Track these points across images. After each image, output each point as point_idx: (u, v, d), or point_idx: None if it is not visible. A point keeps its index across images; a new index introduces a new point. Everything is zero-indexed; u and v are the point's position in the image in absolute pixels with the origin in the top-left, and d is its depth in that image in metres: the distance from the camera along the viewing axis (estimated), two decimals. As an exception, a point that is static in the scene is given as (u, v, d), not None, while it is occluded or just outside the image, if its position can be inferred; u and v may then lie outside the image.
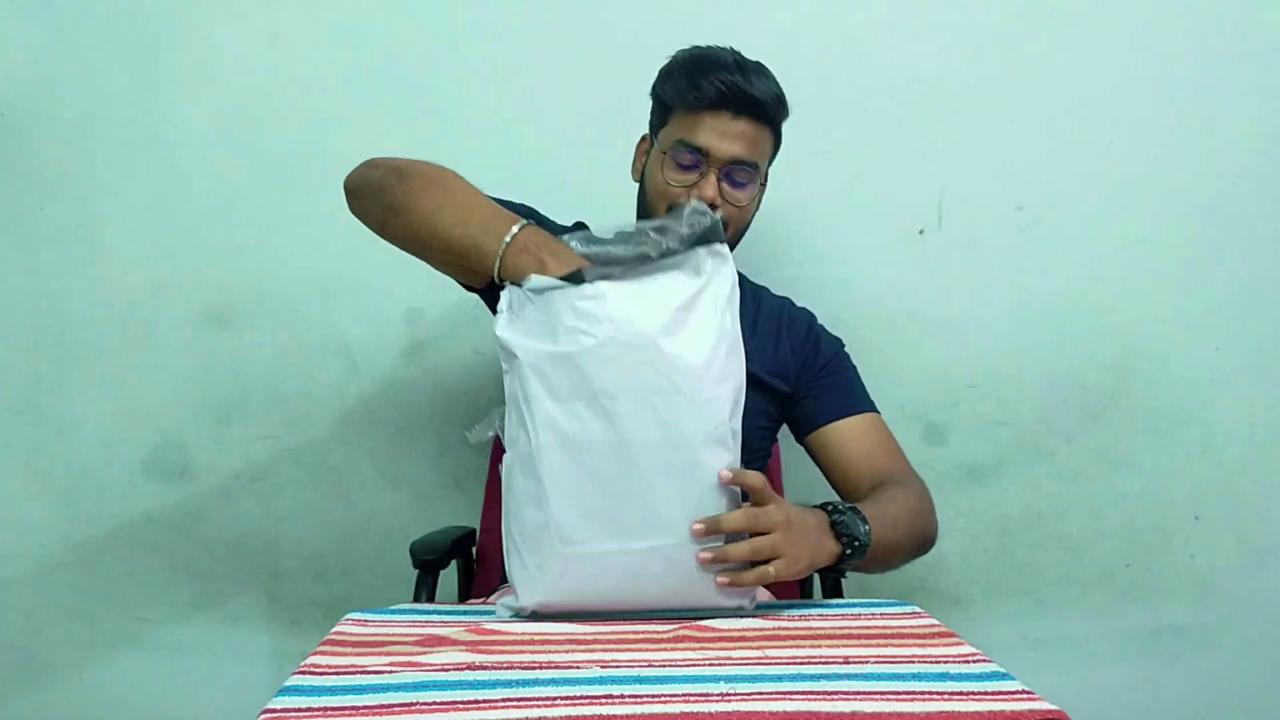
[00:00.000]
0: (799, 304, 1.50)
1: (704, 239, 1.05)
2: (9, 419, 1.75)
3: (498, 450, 1.39)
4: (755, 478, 1.04)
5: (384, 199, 1.20)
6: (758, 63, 1.33)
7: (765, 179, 1.40)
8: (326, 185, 1.71)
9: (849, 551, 1.12)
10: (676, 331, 1.02)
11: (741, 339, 1.08)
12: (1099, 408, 1.77)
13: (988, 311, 1.76)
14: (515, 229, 1.07)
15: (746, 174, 1.32)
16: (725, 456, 1.03)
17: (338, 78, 1.71)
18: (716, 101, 1.28)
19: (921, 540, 1.30)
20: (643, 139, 1.41)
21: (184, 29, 1.70)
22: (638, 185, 1.39)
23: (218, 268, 1.73)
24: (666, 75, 1.35)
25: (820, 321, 1.48)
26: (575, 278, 1.02)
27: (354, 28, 1.71)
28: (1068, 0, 1.73)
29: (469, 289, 1.25)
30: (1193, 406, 1.77)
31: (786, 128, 1.70)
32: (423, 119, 1.72)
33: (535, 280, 1.03)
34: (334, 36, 1.71)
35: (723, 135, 1.29)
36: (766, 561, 1.03)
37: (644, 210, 1.37)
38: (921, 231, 1.75)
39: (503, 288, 1.06)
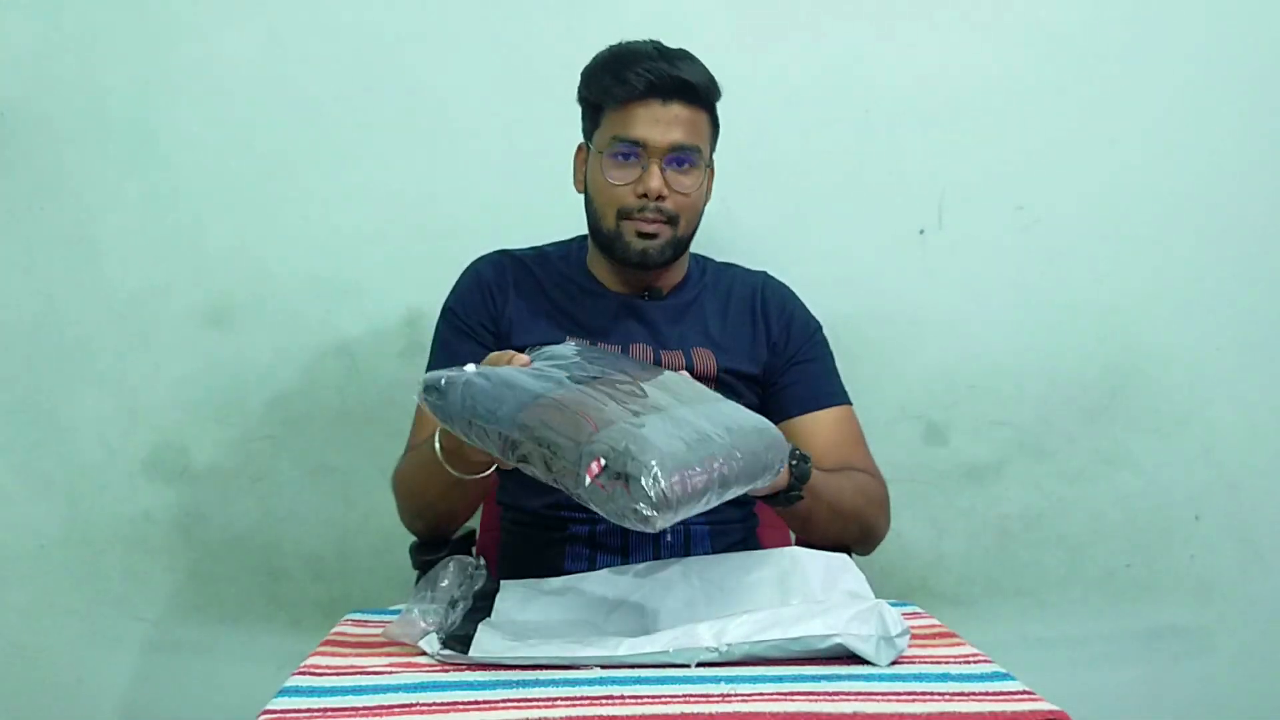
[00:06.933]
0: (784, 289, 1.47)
1: None
2: (9, 419, 1.75)
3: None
4: None
5: (413, 516, 1.32)
6: (681, 49, 1.32)
7: (710, 164, 1.37)
8: (326, 185, 1.73)
9: (793, 467, 1.13)
10: None
11: None
12: (1099, 408, 1.77)
13: (988, 311, 1.76)
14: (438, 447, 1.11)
15: (689, 158, 1.30)
16: None
17: (338, 78, 1.70)
18: (645, 91, 1.27)
19: (863, 525, 1.30)
20: (580, 148, 1.38)
21: (184, 29, 1.70)
22: (583, 197, 1.37)
23: (217, 268, 1.72)
24: (590, 76, 1.33)
25: (811, 312, 1.46)
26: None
27: (353, 28, 1.70)
28: (1068, 1, 1.73)
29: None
30: (1193, 406, 1.77)
31: (787, 127, 1.72)
32: (422, 119, 1.71)
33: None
34: (334, 36, 1.70)
35: (657, 123, 1.28)
36: None
37: (594, 219, 1.35)
38: (921, 231, 1.75)
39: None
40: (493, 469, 1.09)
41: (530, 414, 0.92)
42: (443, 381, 0.96)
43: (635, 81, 1.27)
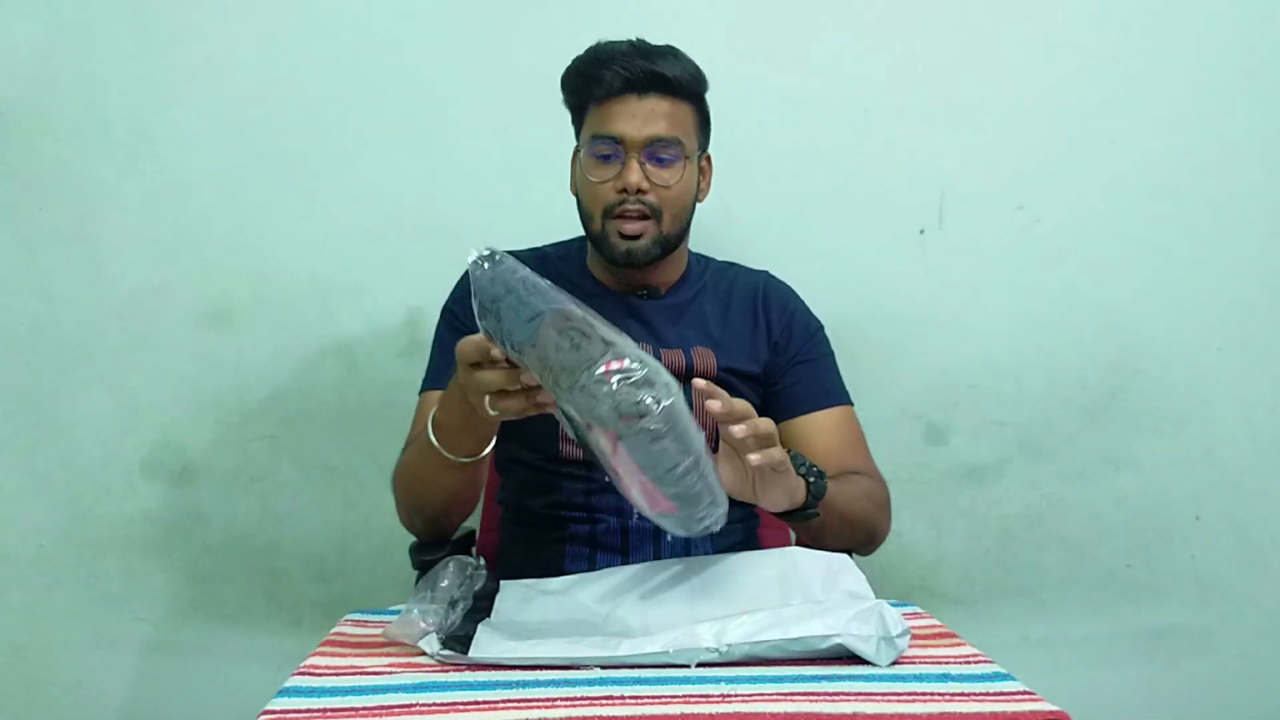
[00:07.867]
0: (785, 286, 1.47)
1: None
2: (9, 419, 1.75)
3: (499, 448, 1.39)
4: (744, 405, 1.05)
5: (411, 511, 1.30)
6: (665, 45, 1.32)
7: (706, 158, 1.38)
8: (326, 185, 1.73)
9: (810, 485, 1.14)
10: None
11: None
12: (1100, 408, 1.77)
13: (988, 311, 1.76)
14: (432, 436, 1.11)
15: (669, 151, 1.29)
16: None
17: (338, 78, 1.70)
18: (621, 87, 1.27)
19: (869, 530, 1.30)
20: (574, 150, 1.39)
21: (184, 29, 1.70)
22: (576, 199, 1.37)
23: (217, 268, 1.72)
24: (569, 78, 1.33)
25: (813, 312, 1.46)
26: None
27: (353, 28, 1.70)
28: (1068, 1, 1.73)
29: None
30: (1193, 406, 1.77)
31: (787, 127, 1.72)
32: (422, 119, 1.71)
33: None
34: (333, 36, 1.70)
35: (633, 117, 1.28)
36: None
37: (584, 219, 1.35)
38: (922, 231, 1.75)
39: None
40: (485, 451, 1.11)
41: (573, 305, 0.90)
42: (499, 254, 0.93)
43: (610, 79, 1.27)
